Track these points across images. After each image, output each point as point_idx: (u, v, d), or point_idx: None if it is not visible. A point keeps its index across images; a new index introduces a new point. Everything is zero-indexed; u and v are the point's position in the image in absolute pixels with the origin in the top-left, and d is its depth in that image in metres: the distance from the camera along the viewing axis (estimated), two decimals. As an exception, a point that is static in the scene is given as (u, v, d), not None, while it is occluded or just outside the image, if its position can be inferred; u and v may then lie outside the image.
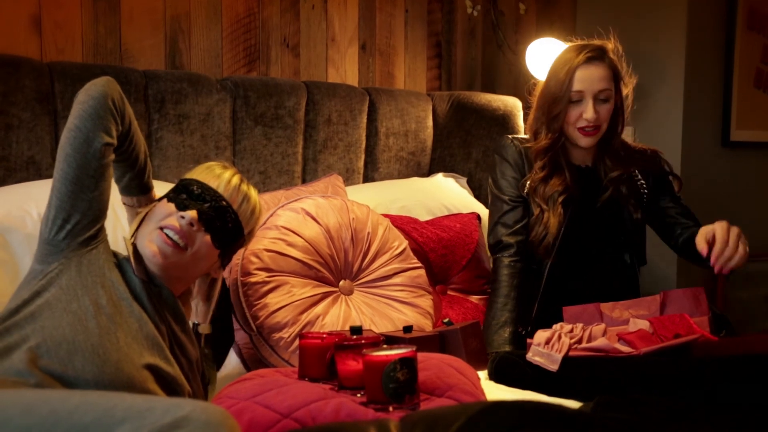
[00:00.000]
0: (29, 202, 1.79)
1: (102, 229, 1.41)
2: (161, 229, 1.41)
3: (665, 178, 2.09)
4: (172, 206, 1.43)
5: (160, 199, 1.48)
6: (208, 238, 1.44)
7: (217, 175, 1.49)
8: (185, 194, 1.45)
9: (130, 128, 1.44)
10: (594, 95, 1.96)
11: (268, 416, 1.28)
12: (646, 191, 2.04)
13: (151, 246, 1.40)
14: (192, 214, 1.41)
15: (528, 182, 2.01)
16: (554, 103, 1.98)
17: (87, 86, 1.40)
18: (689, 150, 2.91)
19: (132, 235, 1.46)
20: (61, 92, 1.95)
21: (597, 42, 2.02)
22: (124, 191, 1.52)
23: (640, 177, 2.06)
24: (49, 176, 1.92)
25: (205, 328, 1.58)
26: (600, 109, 1.96)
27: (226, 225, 1.46)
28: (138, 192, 1.52)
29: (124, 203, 1.54)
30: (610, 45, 2.02)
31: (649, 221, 2.09)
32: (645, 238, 2.08)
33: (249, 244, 1.79)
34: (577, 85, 1.96)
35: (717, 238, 1.74)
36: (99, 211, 1.39)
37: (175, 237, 1.40)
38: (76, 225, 1.35)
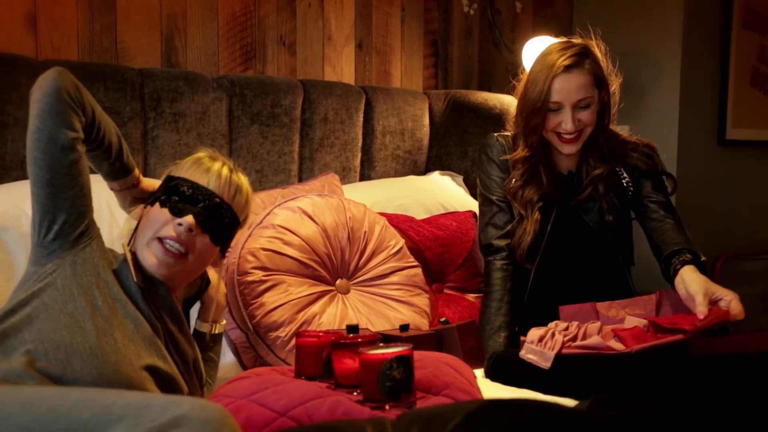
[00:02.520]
0: (25, 201, 1.78)
1: (91, 224, 1.38)
2: (160, 240, 1.38)
3: (654, 173, 2.01)
4: (166, 212, 1.40)
5: (153, 202, 1.44)
6: (207, 238, 1.42)
7: (207, 170, 1.45)
8: (177, 196, 1.41)
9: (94, 116, 1.37)
10: (573, 105, 1.89)
11: (264, 415, 1.28)
12: (631, 188, 1.99)
13: (151, 258, 1.38)
14: (189, 220, 1.39)
15: (508, 186, 1.98)
16: (532, 113, 1.91)
17: (38, 82, 1.34)
18: (685, 148, 2.92)
19: (129, 242, 1.45)
20: (56, 90, 1.94)
21: (578, 41, 1.95)
22: (107, 177, 1.48)
23: (624, 173, 1.99)
24: (45, 175, 1.92)
25: (220, 327, 1.58)
26: (580, 117, 1.90)
27: (223, 221, 1.44)
28: (121, 175, 1.47)
29: (112, 188, 1.50)
30: (592, 44, 1.95)
31: (632, 209, 2.05)
32: (632, 239, 2.05)
33: (247, 240, 1.79)
34: (555, 96, 1.89)
35: (733, 314, 1.70)
36: (84, 207, 1.36)
37: (176, 245, 1.38)
38: (64, 224, 1.33)
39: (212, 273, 1.61)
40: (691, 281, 1.74)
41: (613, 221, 1.97)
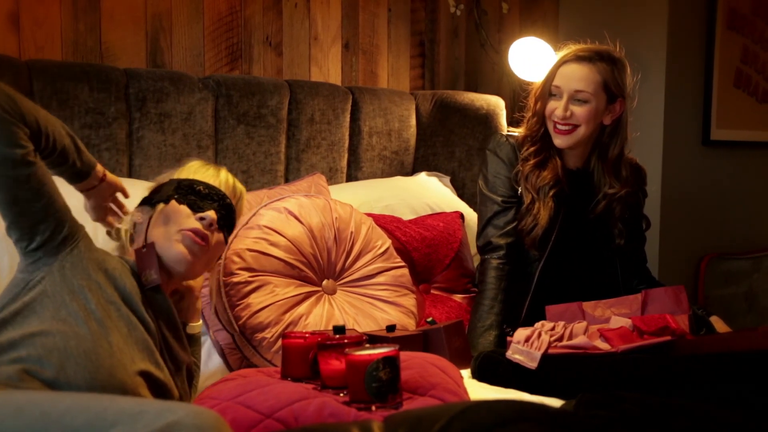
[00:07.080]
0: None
1: (73, 226, 1.33)
2: (187, 231, 1.41)
3: (639, 211, 2.10)
4: (185, 208, 1.43)
5: (167, 201, 1.45)
6: (221, 236, 1.48)
7: (214, 175, 1.52)
8: (193, 195, 1.46)
9: (38, 123, 1.27)
10: (570, 93, 1.93)
11: (250, 416, 1.27)
12: (627, 213, 2.04)
13: (179, 247, 1.40)
14: (212, 215, 1.44)
15: (520, 168, 1.99)
16: (539, 97, 1.99)
17: None
18: (670, 149, 2.93)
19: (136, 238, 1.44)
20: (40, 91, 1.93)
21: (602, 47, 1.99)
22: (71, 181, 1.41)
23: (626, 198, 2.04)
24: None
25: (195, 328, 1.58)
26: (575, 110, 1.93)
27: (232, 222, 1.51)
28: (85, 176, 1.40)
29: (80, 191, 1.44)
30: (615, 54, 1.98)
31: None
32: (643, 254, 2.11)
33: (233, 241, 1.79)
34: (556, 80, 1.95)
35: None
36: (58, 213, 1.31)
37: (200, 236, 1.42)
38: (44, 233, 1.29)
39: None
40: None
41: (624, 245, 2.02)
